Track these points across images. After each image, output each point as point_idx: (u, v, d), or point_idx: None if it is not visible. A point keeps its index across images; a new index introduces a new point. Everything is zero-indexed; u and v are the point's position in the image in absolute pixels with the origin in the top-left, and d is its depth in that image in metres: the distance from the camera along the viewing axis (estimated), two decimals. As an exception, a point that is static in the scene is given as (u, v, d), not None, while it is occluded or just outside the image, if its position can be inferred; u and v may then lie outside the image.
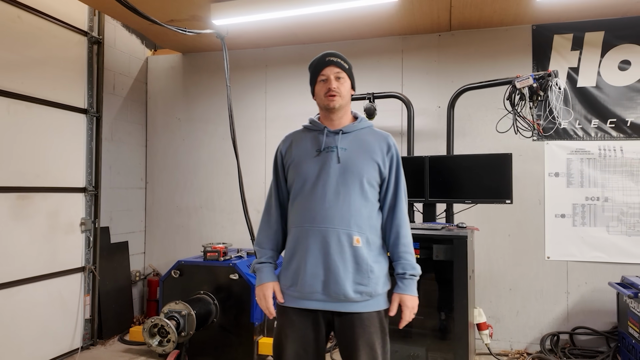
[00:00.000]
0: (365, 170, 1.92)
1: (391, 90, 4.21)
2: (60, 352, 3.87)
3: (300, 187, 1.96)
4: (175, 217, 5.05)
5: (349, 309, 1.88)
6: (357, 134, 2.00)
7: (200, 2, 3.66)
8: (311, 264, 1.87)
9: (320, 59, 1.98)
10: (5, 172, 3.40)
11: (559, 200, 4.00)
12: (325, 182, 1.90)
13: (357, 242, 1.87)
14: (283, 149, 2.08)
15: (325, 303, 1.88)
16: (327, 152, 1.95)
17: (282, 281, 1.98)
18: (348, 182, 1.90)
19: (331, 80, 1.93)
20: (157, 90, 5.17)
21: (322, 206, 1.89)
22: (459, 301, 2.97)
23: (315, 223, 1.89)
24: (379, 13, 3.83)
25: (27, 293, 3.56)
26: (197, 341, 3.62)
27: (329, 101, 1.94)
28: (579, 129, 3.98)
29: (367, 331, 1.87)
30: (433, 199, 3.53)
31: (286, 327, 1.94)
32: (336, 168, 1.91)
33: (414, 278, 1.95)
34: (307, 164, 1.96)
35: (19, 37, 3.52)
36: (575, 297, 3.96)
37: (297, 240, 1.93)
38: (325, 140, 1.97)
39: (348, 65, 1.99)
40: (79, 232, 4.08)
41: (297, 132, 2.10)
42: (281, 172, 2.08)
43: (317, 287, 1.87)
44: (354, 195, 1.90)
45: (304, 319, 1.92)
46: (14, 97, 3.47)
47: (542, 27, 4.05)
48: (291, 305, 1.94)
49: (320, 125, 2.01)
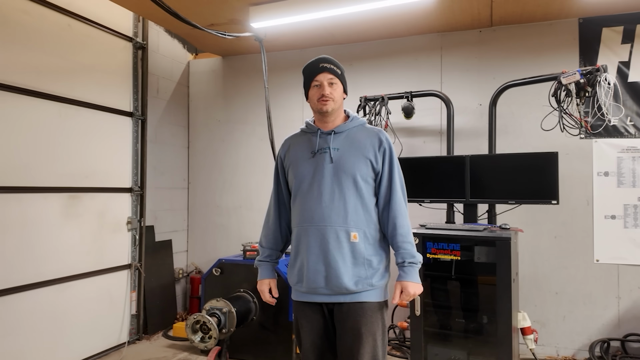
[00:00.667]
0: (357, 168, 2.00)
1: (430, 89, 4.14)
2: (109, 346, 4.04)
3: (298, 188, 2.07)
4: (216, 216, 5.16)
5: (351, 299, 1.98)
6: (349, 133, 2.08)
7: (239, 5, 3.73)
8: (313, 261, 1.98)
9: (314, 65, 2.06)
10: (57, 174, 3.58)
11: (609, 200, 3.82)
12: (320, 183, 2.00)
13: (355, 237, 1.97)
14: (282, 153, 2.21)
15: (329, 296, 2.00)
16: (321, 153, 2.04)
17: (290, 278, 2.12)
18: (342, 180, 1.99)
19: (324, 87, 2.02)
20: (198, 93, 5.30)
21: (319, 206, 1.99)
22: (502, 304, 2.89)
23: (313, 222, 1.99)
24: (417, 11, 3.78)
25: (78, 289, 3.73)
26: (237, 338, 3.69)
27: (322, 105, 2.03)
28: (630, 126, 3.79)
29: (369, 320, 1.97)
30: (474, 199, 3.45)
31: (301, 319, 2.08)
32: (329, 168, 2.01)
33: (414, 265, 2.00)
34: (303, 165, 2.07)
35: (69, 44, 3.69)
36: (627, 302, 3.77)
37: (299, 239, 2.05)
38: (319, 141, 2.07)
39: (340, 70, 2.09)
40: (126, 231, 4.24)
41: (294, 136, 2.21)
42: (281, 175, 2.20)
43: (320, 282, 1.98)
44: (348, 193, 1.98)
45: (314, 311, 2.05)
46: (65, 101, 3.64)
47: (589, 20, 3.88)
48: (301, 300, 2.07)
49: (314, 128, 2.11)
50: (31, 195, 3.37)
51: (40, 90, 3.44)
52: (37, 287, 3.39)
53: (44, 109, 3.48)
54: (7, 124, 3.22)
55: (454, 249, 3.11)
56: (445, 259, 3.12)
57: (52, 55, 3.54)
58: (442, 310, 3.23)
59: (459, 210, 3.71)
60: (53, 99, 3.54)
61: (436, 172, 3.60)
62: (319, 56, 2.10)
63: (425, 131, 4.34)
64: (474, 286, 3.12)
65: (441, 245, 3.14)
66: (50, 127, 3.52)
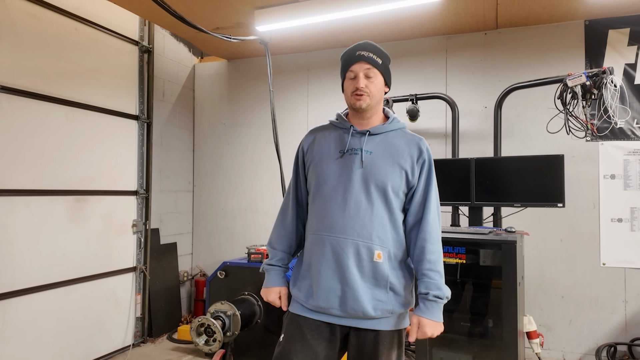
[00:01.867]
0: (390, 178, 1.74)
1: (435, 91, 4.14)
2: (114, 349, 4.04)
3: (318, 189, 1.82)
4: (221, 219, 5.17)
5: (369, 326, 1.74)
6: (386, 136, 1.81)
7: (244, 9, 3.74)
8: (327, 276, 1.73)
9: (351, 52, 1.80)
10: (63, 176, 3.60)
11: (616, 203, 3.79)
12: (346, 188, 1.74)
13: (379, 257, 1.71)
14: (305, 145, 1.94)
15: (342, 319, 1.75)
16: (351, 154, 1.78)
17: (297, 291, 1.84)
18: (371, 189, 1.73)
19: (360, 79, 1.75)
20: (204, 96, 5.32)
21: (342, 215, 1.73)
22: (507, 308, 2.87)
23: (333, 232, 1.74)
24: (423, 13, 3.78)
25: (83, 291, 3.75)
26: (242, 341, 3.68)
27: (355, 101, 1.77)
28: (636, 129, 3.76)
29: (387, 351, 1.74)
30: (479, 202, 3.44)
31: (296, 341, 1.76)
32: (359, 173, 1.75)
33: (439, 301, 1.71)
34: (328, 165, 1.80)
35: (76, 48, 3.72)
36: (634, 307, 3.74)
37: (313, 249, 1.80)
38: (350, 140, 1.80)
39: (382, 59, 1.79)
40: (131, 234, 4.26)
41: (321, 128, 1.95)
42: (301, 170, 1.94)
43: (334, 302, 1.72)
44: (377, 204, 1.73)
45: (318, 333, 1.76)
46: (72, 105, 3.67)
47: (595, 22, 3.86)
48: (306, 316, 1.79)
49: (347, 124, 1.85)
50: (38, 197, 3.39)
51: (47, 94, 3.46)
52: (44, 289, 3.41)
53: (51, 112, 3.50)
54: (15, 127, 3.24)
55: (459, 252, 3.10)
56: (450, 262, 3.11)
57: (59, 58, 3.57)
58: (447, 313, 3.21)
59: (464, 213, 3.70)
60: (60, 102, 3.56)
61: (441, 174, 3.56)
62: (359, 42, 1.82)
63: (430, 134, 4.33)
64: (479, 290, 3.11)
65: (446, 249, 3.12)
66: (57, 130, 3.55)
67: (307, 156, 1.91)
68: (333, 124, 1.92)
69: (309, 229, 1.86)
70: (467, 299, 3.15)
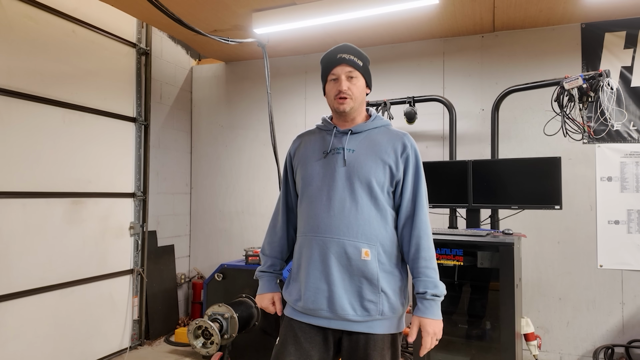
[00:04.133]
0: (373, 173, 1.72)
1: (432, 94, 4.15)
2: (111, 351, 4.03)
3: (304, 191, 1.82)
4: (219, 221, 5.16)
5: (360, 329, 1.70)
6: (369, 134, 1.80)
7: (242, 11, 3.75)
8: (314, 277, 1.72)
9: (331, 55, 1.79)
10: (60, 179, 3.59)
11: (612, 205, 3.80)
12: (330, 188, 1.74)
13: (366, 255, 1.68)
14: (292, 150, 1.95)
15: (332, 321, 1.72)
16: (334, 154, 1.78)
17: (289, 294, 1.84)
18: (355, 186, 1.72)
19: (342, 81, 1.75)
20: (201, 99, 5.32)
21: (327, 214, 1.72)
22: (505, 310, 2.88)
23: (318, 232, 1.73)
24: (420, 16, 3.79)
25: (80, 293, 3.73)
26: (239, 344, 3.68)
27: (339, 105, 1.77)
28: (633, 131, 3.78)
29: (380, 356, 1.70)
30: (477, 204, 3.44)
31: (290, 345, 1.75)
32: (342, 172, 1.74)
33: (437, 299, 1.72)
34: (312, 166, 1.81)
35: (74, 50, 3.72)
36: (631, 308, 3.74)
37: (301, 251, 1.79)
38: (333, 140, 1.80)
39: (362, 61, 1.79)
40: (128, 236, 4.25)
41: (308, 133, 1.95)
42: (290, 175, 1.95)
43: (322, 303, 1.70)
44: (362, 201, 1.71)
45: (312, 337, 1.75)
46: (69, 107, 3.66)
47: (592, 25, 3.88)
48: (299, 319, 1.77)
49: (330, 125, 1.85)
50: (35, 200, 3.38)
51: (44, 96, 3.45)
52: (40, 292, 3.39)
53: (48, 114, 3.49)
54: (11, 129, 3.23)
55: (456, 254, 3.10)
56: (448, 264, 3.11)
57: (56, 61, 3.56)
58: (445, 315, 3.21)
59: (462, 215, 3.70)
60: (57, 104, 3.55)
61: (439, 177, 3.60)
62: (338, 44, 1.81)
63: (427, 136, 4.33)
64: (477, 292, 3.11)
65: (444, 251, 3.13)
66: (54, 133, 3.54)
67: (295, 160, 1.92)
68: (319, 128, 1.92)
69: (298, 232, 1.86)
70: (465, 301, 3.15)
